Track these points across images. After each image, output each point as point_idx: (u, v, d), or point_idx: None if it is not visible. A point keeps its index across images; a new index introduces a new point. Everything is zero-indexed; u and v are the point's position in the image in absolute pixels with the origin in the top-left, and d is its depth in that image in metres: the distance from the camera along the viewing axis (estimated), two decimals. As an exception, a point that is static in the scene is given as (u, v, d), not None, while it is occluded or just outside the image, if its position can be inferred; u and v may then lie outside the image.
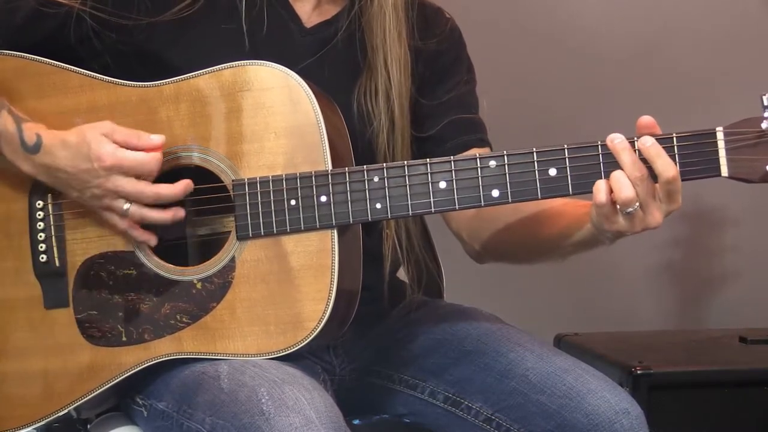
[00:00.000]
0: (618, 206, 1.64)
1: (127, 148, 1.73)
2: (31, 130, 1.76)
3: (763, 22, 3.44)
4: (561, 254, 1.85)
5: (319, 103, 1.73)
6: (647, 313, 3.45)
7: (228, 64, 1.76)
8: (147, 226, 1.77)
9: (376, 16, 1.90)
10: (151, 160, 1.73)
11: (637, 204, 1.63)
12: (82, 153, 1.73)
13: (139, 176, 1.73)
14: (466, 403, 1.87)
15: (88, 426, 1.91)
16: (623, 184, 1.62)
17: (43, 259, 1.81)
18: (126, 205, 1.74)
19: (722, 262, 3.47)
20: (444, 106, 2.00)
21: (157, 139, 1.74)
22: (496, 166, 1.69)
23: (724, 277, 3.48)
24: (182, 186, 1.75)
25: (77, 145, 1.73)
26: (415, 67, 1.95)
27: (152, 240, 1.77)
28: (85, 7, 1.84)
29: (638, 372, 2.60)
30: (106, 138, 1.73)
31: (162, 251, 1.79)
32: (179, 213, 1.76)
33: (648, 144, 1.63)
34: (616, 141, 1.64)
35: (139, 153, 1.73)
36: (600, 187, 1.64)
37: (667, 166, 1.62)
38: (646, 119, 1.66)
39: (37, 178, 1.78)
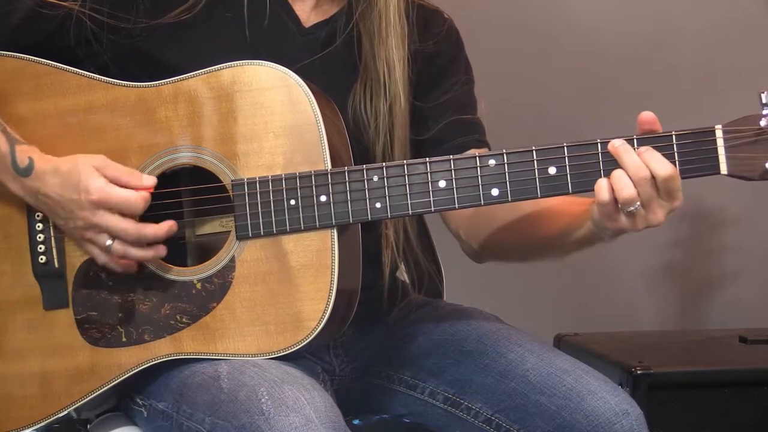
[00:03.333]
0: (619, 205, 1.64)
1: (117, 185, 1.72)
2: (24, 153, 1.75)
3: (763, 22, 3.44)
4: (560, 252, 1.85)
5: (317, 103, 1.73)
6: (647, 313, 3.45)
7: (226, 64, 1.76)
8: None
9: (376, 17, 1.89)
10: (139, 199, 1.72)
11: (638, 203, 1.63)
12: (72, 182, 1.72)
13: (124, 214, 1.72)
14: (465, 403, 1.87)
15: (88, 426, 1.91)
16: (624, 183, 1.62)
17: (42, 260, 1.81)
18: (108, 241, 1.73)
19: (722, 262, 3.47)
20: (441, 108, 2.00)
21: (148, 180, 1.74)
22: (496, 165, 1.69)
23: (724, 277, 3.48)
24: (166, 227, 1.74)
25: (68, 173, 1.73)
26: (413, 70, 1.95)
27: (132, 268, 1.77)
28: (84, 9, 1.84)
29: (638, 372, 2.60)
30: (97, 171, 1.72)
31: (161, 251, 1.79)
32: (160, 252, 1.75)
33: (642, 151, 1.63)
34: (617, 144, 1.65)
35: (127, 191, 1.72)
36: (602, 186, 1.64)
37: (662, 166, 1.62)
38: (647, 115, 1.66)
39: (24, 199, 1.78)
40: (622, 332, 3.15)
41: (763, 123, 1.61)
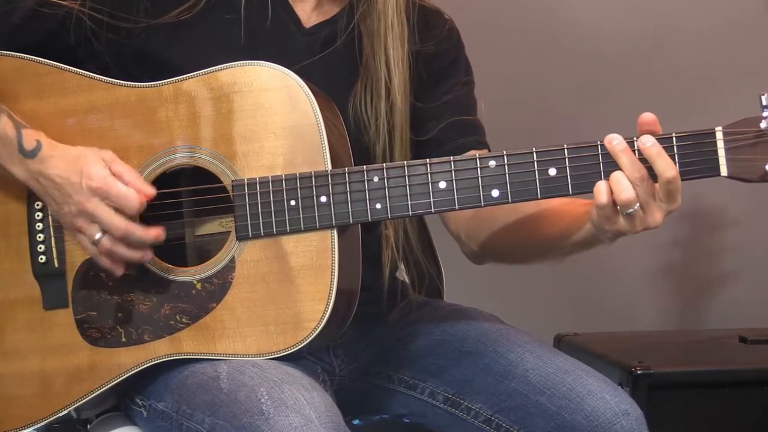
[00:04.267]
0: (618, 207, 1.64)
1: (120, 181, 1.72)
2: (31, 136, 1.76)
3: (763, 22, 3.44)
4: (560, 254, 1.85)
5: (318, 104, 1.73)
6: (647, 313, 3.45)
7: (227, 64, 1.76)
8: None
9: (380, 18, 1.89)
10: (136, 197, 1.71)
11: (637, 205, 1.63)
12: (76, 167, 1.72)
13: (118, 209, 1.72)
14: (465, 403, 1.87)
15: (88, 426, 1.91)
16: (623, 186, 1.62)
17: (42, 260, 1.81)
18: (98, 234, 1.72)
19: (722, 262, 3.47)
20: (442, 109, 2.00)
21: (150, 188, 1.74)
22: (496, 166, 1.69)
23: (724, 277, 3.48)
24: (154, 233, 1.73)
25: (75, 158, 1.73)
26: (413, 70, 1.95)
27: (119, 269, 1.76)
28: (84, 8, 1.84)
29: (638, 372, 2.61)
30: (103, 162, 1.73)
31: (161, 251, 1.78)
32: (146, 256, 1.75)
33: (648, 144, 1.63)
34: (614, 142, 1.64)
35: (127, 188, 1.71)
36: (601, 189, 1.64)
37: (667, 166, 1.62)
38: (647, 116, 1.66)
39: (23, 181, 1.77)
40: (622, 332, 3.14)
41: (763, 125, 1.61)
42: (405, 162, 1.72)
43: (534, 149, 1.67)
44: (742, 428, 2.70)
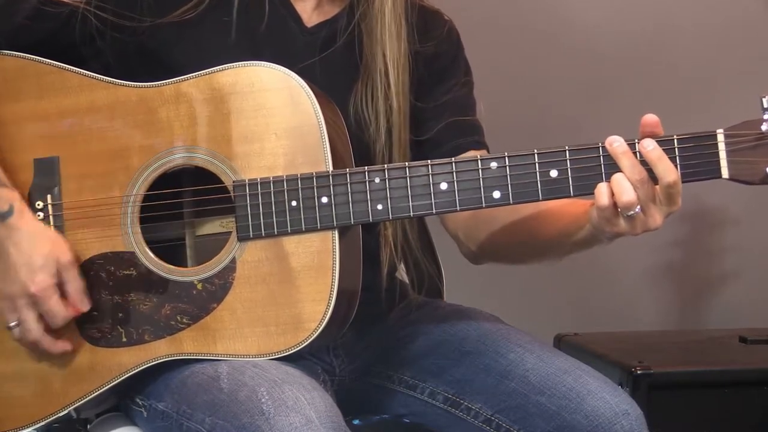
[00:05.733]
0: (619, 209, 1.64)
1: (60, 285, 1.74)
2: (6, 199, 1.75)
3: (763, 22, 3.44)
4: (558, 254, 1.85)
5: (319, 104, 1.72)
6: (647, 313, 3.45)
7: (228, 64, 1.76)
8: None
9: (377, 18, 1.89)
10: (63, 318, 1.75)
11: (638, 208, 1.63)
12: (30, 260, 1.73)
13: (42, 317, 1.75)
14: (465, 403, 1.87)
15: (88, 426, 1.91)
16: (624, 188, 1.62)
17: (43, 260, 1.81)
18: (13, 323, 1.75)
19: (722, 262, 3.47)
20: (441, 109, 2.00)
21: (84, 306, 1.76)
22: (497, 167, 1.69)
23: (724, 277, 3.48)
24: (60, 347, 1.76)
25: (33, 249, 1.73)
26: (413, 71, 1.95)
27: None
28: (89, 7, 1.84)
29: (638, 372, 2.61)
30: (55, 268, 1.74)
31: (162, 251, 1.79)
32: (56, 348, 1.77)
33: (649, 148, 1.63)
34: (615, 144, 1.64)
35: (59, 307, 1.74)
36: (602, 190, 1.64)
37: (668, 170, 1.62)
38: (650, 117, 1.66)
39: None
40: (622, 332, 3.15)
41: (764, 127, 1.61)
42: (406, 163, 1.72)
43: (535, 151, 1.67)
44: (742, 428, 2.70)
